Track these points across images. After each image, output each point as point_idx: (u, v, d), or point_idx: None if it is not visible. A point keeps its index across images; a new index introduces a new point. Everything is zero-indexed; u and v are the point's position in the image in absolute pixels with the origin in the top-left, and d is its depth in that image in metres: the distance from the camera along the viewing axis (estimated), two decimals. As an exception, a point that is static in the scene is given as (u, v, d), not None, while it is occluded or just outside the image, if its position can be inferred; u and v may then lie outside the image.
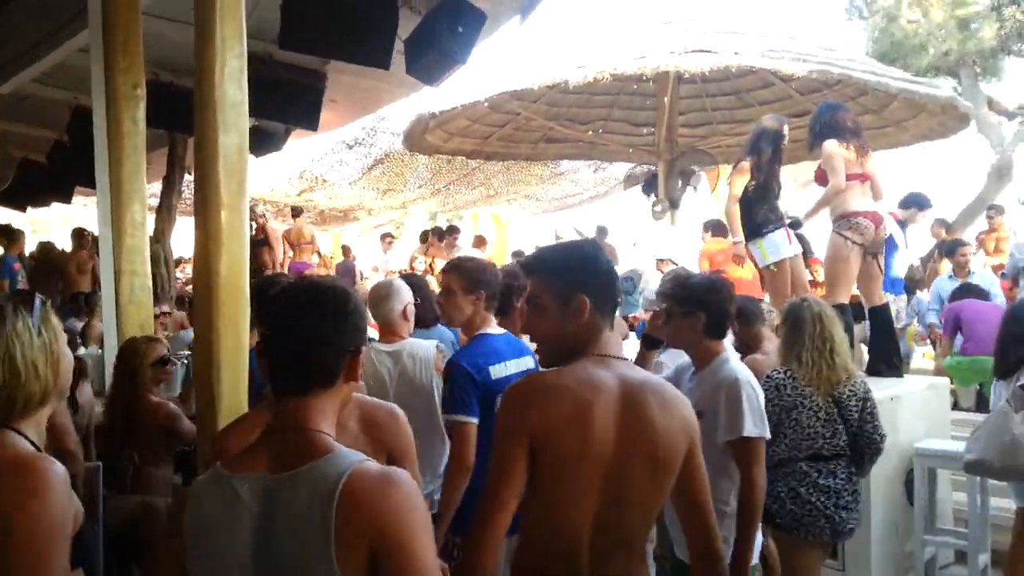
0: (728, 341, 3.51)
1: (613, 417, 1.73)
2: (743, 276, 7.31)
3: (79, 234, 9.79)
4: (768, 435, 2.72)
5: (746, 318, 4.60)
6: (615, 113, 10.64)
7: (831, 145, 4.93)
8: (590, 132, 10.65)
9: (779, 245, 5.22)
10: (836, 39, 11.31)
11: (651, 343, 3.03)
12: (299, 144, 9.18)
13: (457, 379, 2.79)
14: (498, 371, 2.85)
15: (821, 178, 5.19)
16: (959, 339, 6.45)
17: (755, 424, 2.63)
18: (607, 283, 1.88)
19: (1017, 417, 3.14)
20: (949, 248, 7.88)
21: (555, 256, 1.96)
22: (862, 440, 3.34)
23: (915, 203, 7.47)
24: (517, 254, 11.22)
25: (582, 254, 1.91)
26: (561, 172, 13.37)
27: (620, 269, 8.88)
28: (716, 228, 7.84)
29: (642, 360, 3.00)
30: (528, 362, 3.00)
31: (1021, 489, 3.51)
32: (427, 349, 3.23)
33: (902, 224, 7.30)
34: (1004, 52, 13.82)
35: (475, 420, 2.74)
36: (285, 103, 5.75)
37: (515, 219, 16.96)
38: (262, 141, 6.73)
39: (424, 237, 12.04)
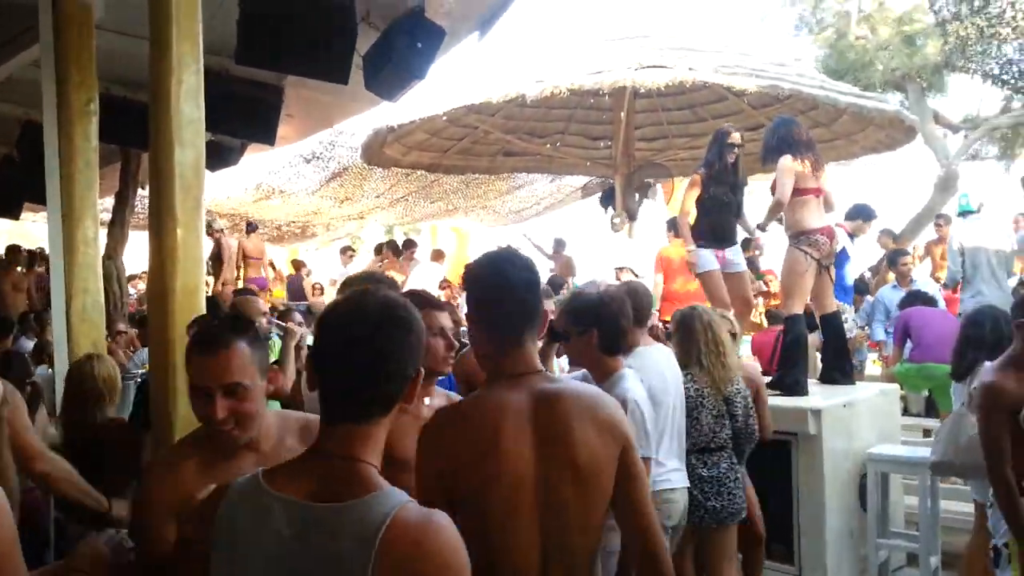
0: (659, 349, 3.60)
1: (528, 437, 1.71)
2: (690, 289, 7.40)
3: (14, 251, 9.61)
4: (652, 454, 2.82)
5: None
6: (572, 127, 10.75)
7: (785, 160, 5.06)
8: (548, 145, 10.74)
9: (705, 260, 5.38)
10: (786, 53, 11.58)
11: (554, 336, 3.08)
12: (256, 157, 9.10)
13: None
14: None
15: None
16: (908, 346, 6.62)
17: (638, 445, 2.70)
18: (510, 300, 1.80)
19: (972, 418, 3.29)
20: (891, 258, 8.11)
21: (468, 274, 1.92)
22: (745, 433, 3.70)
23: (861, 214, 7.66)
24: (473, 268, 11.20)
25: (480, 272, 1.87)
26: (519, 185, 13.45)
27: (579, 280, 8.95)
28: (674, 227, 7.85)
29: (543, 351, 3.02)
30: None
31: (979, 485, 3.64)
32: None
33: (850, 236, 7.48)
34: (948, 68, 14.23)
35: None
36: (241, 118, 5.70)
37: (475, 231, 16.97)
38: (217, 156, 6.66)
39: (379, 250, 11.97)
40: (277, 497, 1.32)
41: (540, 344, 2.51)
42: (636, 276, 7.96)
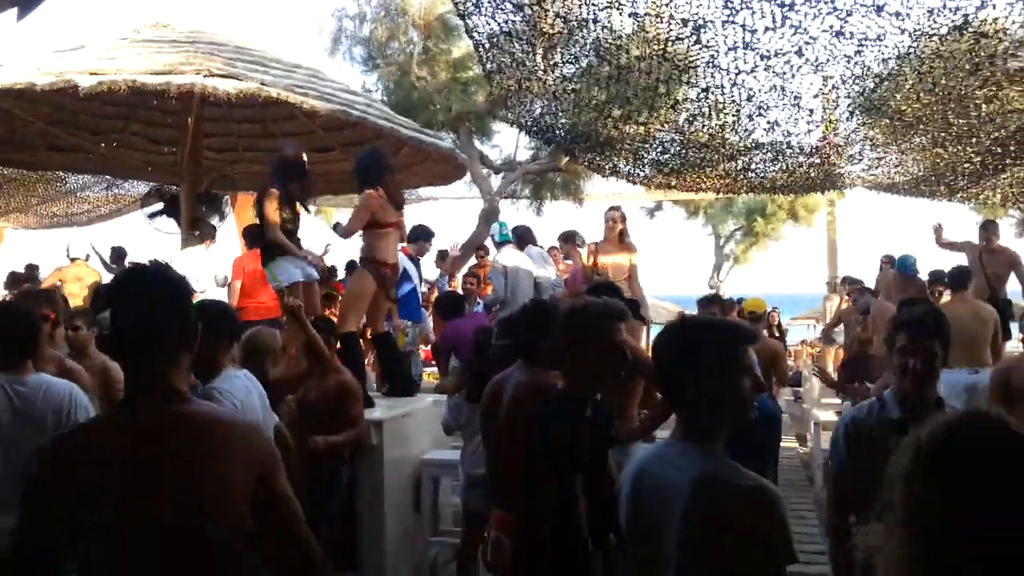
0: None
1: (134, 468, 1.58)
2: (266, 302, 7.35)
3: None
4: None
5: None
6: (133, 127, 9.87)
7: (371, 194, 5.40)
8: (103, 144, 9.70)
9: (289, 269, 5.45)
10: (357, 84, 12.10)
11: None
12: None
13: None
14: None
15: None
16: (454, 360, 7.36)
17: None
18: (127, 316, 1.68)
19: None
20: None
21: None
22: None
23: (421, 236, 8.36)
24: (14, 276, 9.85)
25: (112, 285, 1.84)
26: (70, 190, 11.88)
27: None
28: (253, 239, 7.62)
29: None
30: None
31: None
32: None
33: (412, 258, 8.10)
34: (492, 116, 16.12)
35: None
36: None
37: (10, 235, 14.58)
38: None
39: None
40: None
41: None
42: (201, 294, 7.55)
